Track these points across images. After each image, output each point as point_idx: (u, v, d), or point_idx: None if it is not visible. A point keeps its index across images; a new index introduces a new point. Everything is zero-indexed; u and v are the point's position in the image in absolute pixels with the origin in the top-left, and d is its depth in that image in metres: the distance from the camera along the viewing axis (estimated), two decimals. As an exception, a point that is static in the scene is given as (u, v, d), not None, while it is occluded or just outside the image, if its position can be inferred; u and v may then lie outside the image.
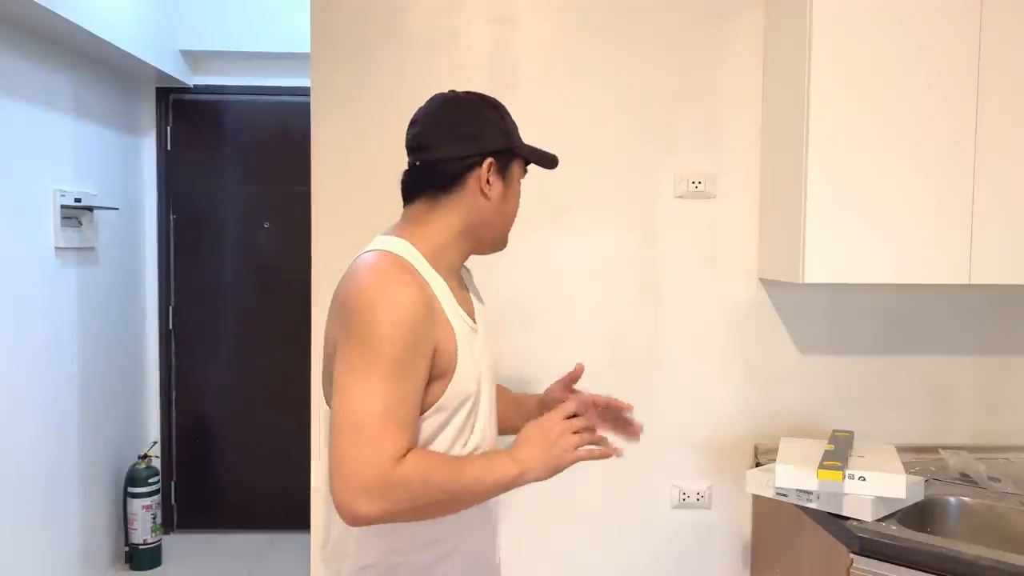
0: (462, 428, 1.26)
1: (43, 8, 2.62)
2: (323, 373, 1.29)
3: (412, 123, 1.34)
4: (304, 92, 2.18)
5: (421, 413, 1.20)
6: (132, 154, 3.83)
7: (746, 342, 2.16)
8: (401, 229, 1.30)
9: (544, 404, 1.54)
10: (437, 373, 1.21)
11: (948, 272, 1.88)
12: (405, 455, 1.13)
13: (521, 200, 1.39)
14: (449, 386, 1.22)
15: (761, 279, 2.16)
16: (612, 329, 2.14)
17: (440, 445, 1.24)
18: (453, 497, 1.18)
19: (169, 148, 3.99)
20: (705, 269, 2.15)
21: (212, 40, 3.83)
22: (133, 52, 3.32)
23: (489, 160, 1.28)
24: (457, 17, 2.09)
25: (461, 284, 1.37)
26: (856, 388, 2.18)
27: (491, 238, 1.35)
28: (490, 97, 1.36)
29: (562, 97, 2.12)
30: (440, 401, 1.22)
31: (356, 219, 2.08)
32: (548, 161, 1.40)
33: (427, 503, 1.16)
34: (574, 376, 1.55)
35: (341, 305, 1.20)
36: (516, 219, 1.40)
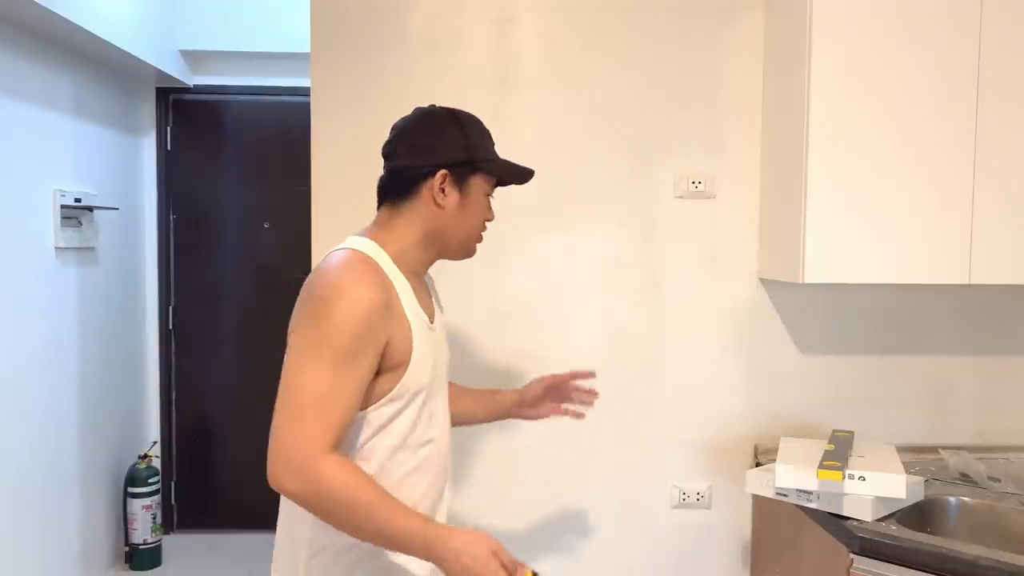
0: (417, 417, 1.34)
1: (43, 8, 2.62)
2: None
3: (390, 131, 1.43)
4: (304, 92, 2.18)
5: (375, 401, 1.28)
6: (132, 154, 3.83)
7: (746, 342, 2.16)
8: (370, 231, 1.39)
9: (523, 400, 1.67)
10: (391, 365, 1.28)
11: (948, 272, 1.88)
12: (335, 447, 1.20)
13: (493, 210, 1.45)
14: (403, 377, 1.29)
15: (761, 279, 2.16)
16: (612, 329, 2.14)
17: (397, 432, 1.31)
18: (360, 526, 1.20)
19: (169, 148, 3.99)
20: (705, 269, 2.15)
21: (212, 40, 3.83)
22: (133, 52, 3.32)
23: (442, 172, 1.35)
24: (458, 17, 2.09)
25: (423, 287, 1.44)
26: (856, 388, 2.18)
27: (454, 245, 1.41)
28: (461, 113, 1.42)
29: (562, 97, 2.12)
30: (393, 391, 1.29)
31: (356, 219, 2.07)
32: (515, 176, 1.45)
33: (332, 512, 1.20)
34: (559, 380, 1.66)
35: (306, 293, 1.27)
36: (489, 226, 1.46)
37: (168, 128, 3.99)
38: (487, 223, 1.45)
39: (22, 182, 2.87)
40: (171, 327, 4.02)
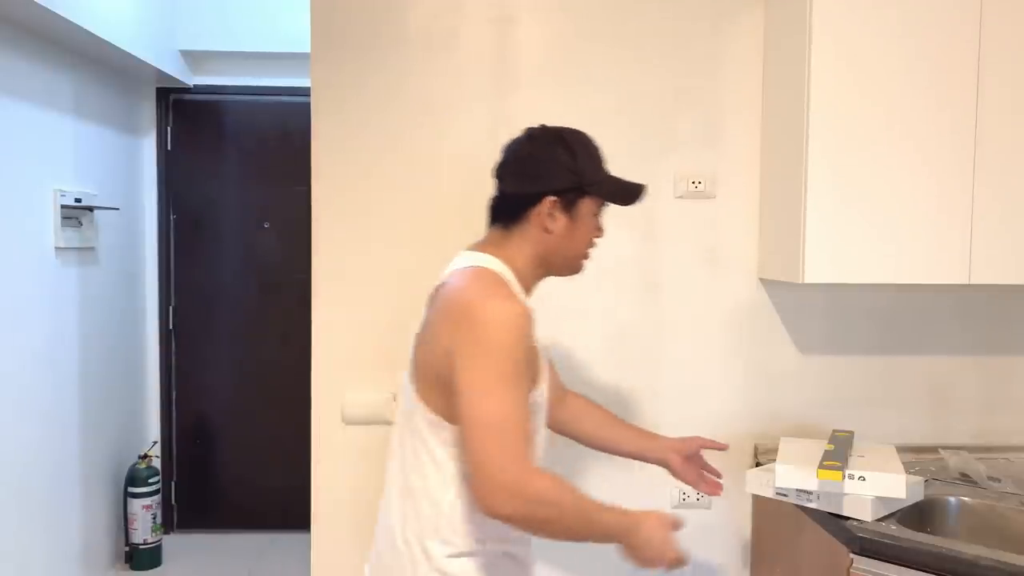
0: (537, 430, 1.37)
1: (43, 8, 2.62)
2: (417, 371, 1.37)
3: (501, 153, 1.45)
4: (304, 92, 2.18)
5: None
6: (132, 154, 3.83)
7: (746, 342, 2.16)
8: (487, 248, 1.41)
9: (681, 448, 1.73)
10: (530, 379, 1.33)
11: (948, 272, 1.88)
12: (542, 472, 1.25)
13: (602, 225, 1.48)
14: (534, 395, 1.34)
15: (761, 279, 2.16)
16: (612, 329, 2.14)
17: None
18: (572, 527, 1.29)
19: (169, 148, 4.00)
20: (705, 269, 2.15)
21: (212, 40, 3.83)
22: (133, 52, 3.32)
23: (551, 200, 1.37)
24: (457, 17, 2.09)
25: None
26: (856, 388, 2.18)
27: (560, 265, 1.45)
28: (569, 133, 1.43)
29: (562, 97, 2.12)
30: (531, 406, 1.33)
31: (356, 219, 2.08)
32: (624, 197, 1.45)
33: (552, 526, 1.26)
34: (705, 446, 1.72)
35: (457, 316, 1.28)
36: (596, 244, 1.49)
37: (168, 128, 3.99)
38: (596, 240, 1.47)
39: (22, 182, 2.88)
40: (171, 327, 4.02)
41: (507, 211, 1.41)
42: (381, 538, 1.46)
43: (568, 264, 1.45)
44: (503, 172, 1.42)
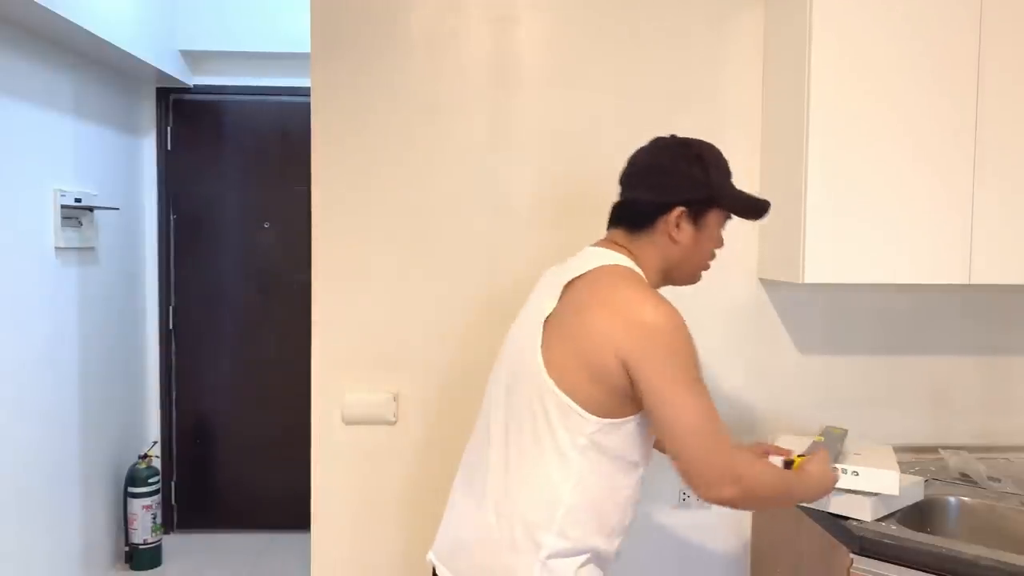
0: (650, 433, 1.43)
1: (43, 8, 2.62)
2: (553, 356, 1.35)
3: (628, 160, 1.50)
4: (304, 92, 2.19)
5: (640, 412, 1.36)
6: (132, 154, 3.83)
7: (746, 342, 2.16)
8: (617, 248, 1.44)
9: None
10: None
11: (948, 272, 1.88)
12: (737, 452, 1.35)
13: (720, 238, 1.49)
14: None
15: (761, 279, 2.16)
16: (612, 329, 2.14)
17: (638, 443, 1.41)
18: (784, 493, 1.46)
19: (169, 148, 3.99)
20: (705, 269, 2.15)
21: (212, 40, 3.83)
22: (133, 52, 3.32)
23: (680, 210, 1.40)
24: (457, 17, 2.09)
25: None
26: (856, 388, 2.18)
27: (679, 276, 1.48)
28: (698, 145, 1.45)
29: (562, 97, 2.12)
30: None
31: (356, 219, 2.08)
32: (751, 212, 1.47)
33: (769, 494, 1.41)
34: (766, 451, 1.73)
35: (630, 317, 1.31)
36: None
37: (168, 128, 3.99)
38: (717, 251, 1.49)
39: (22, 182, 2.88)
40: (171, 327, 4.02)
41: (634, 217, 1.44)
42: (466, 523, 1.44)
43: (688, 275, 1.48)
44: (633, 179, 1.46)
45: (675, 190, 1.41)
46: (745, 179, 2.15)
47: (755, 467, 1.37)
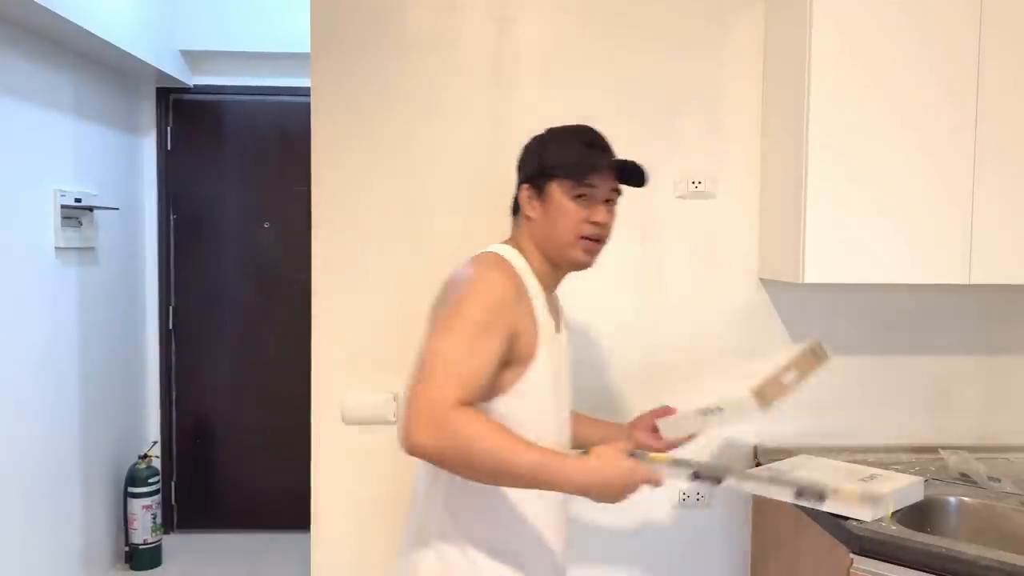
0: (540, 413, 1.40)
1: (43, 8, 2.62)
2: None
3: None
4: (304, 92, 2.18)
5: (501, 393, 1.34)
6: (132, 154, 3.83)
7: (746, 342, 2.16)
8: (506, 240, 1.51)
9: (637, 423, 1.70)
10: (518, 358, 1.35)
11: (948, 272, 1.88)
12: (467, 407, 1.22)
13: (599, 211, 1.45)
14: (527, 373, 1.36)
15: (761, 279, 2.16)
16: (612, 329, 2.14)
17: (522, 426, 1.32)
18: (498, 466, 1.21)
19: (169, 148, 3.99)
20: (705, 269, 2.15)
21: (212, 40, 3.83)
22: (133, 52, 3.32)
23: (525, 187, 1.47)
24: (457, 17, 2.09)
25: (553, 301, 1.52)
26: (856, 388, 2.18)
27: (553, 251, 1.46)
28: (559, 128, 1.52)
29: (562, 97, 2.12)
30: (518, 384, 1.36)
31: (356, 219, 2.08)
32: (576, 173, 1.44)
33: (471, 460, 1.20)
34: (658, 415, 1.69)
35: (446, 286, 1.37)
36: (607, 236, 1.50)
37: (168, 128, 3.99)
38: (594, 223, 1.44)
39: (22, 182, 2.88)
40: (171, 327, 4.02)
41: (512, 206, 1.53)
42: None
43: (557, 249, 1.45)
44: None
45: (521, 171, 1.50)
46: (745, 179, 2.15)
47: (471, 426, 1.19)
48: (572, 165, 1.43)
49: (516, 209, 1.51)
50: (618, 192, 1.49)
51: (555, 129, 1.52)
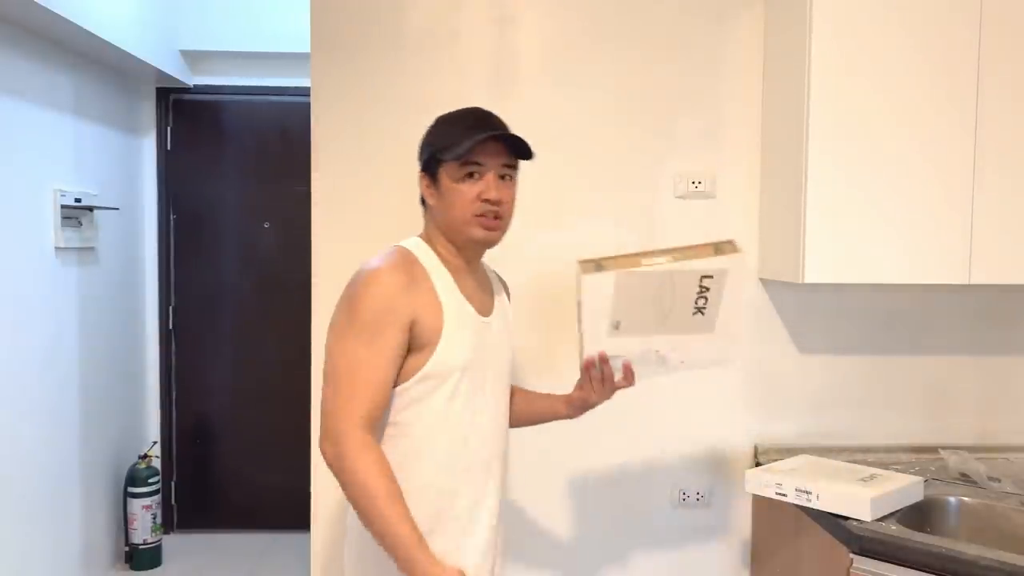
0: (452, 397, 1.40)
1: (43, 8, 2.62)
2: None
3: None
4: (304, 92, 2.18)
5: (409, 378, 1.37)
6: (132, 154, 3.83)
7: (746, 342, 2.16)
8: (421, 232, 1.54)
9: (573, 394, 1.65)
10: (421, 343, 1.38)
11: (948, 272, 1.88)
12: (370, 419, 1.31)
13: (488, 186, 1.43)
14: (433, 356, 1.38)
15: (761, 279, 2.16)
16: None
17: (432, 411, 1.39)
18: (366, 511, 1.30)
19: (169, 148, 3.99)
20: (705, 269, 2.15)
21: (212, 40, 3.83)
22: (133, 52, 3.32)
23: (420, 175, 1.51)
24: (457, 17, 2.09)
25: (479, 283, 1.53)
26: (856, 388, 2.18)
27: (454, 233, 1.47)
28: (445, 115, 1.52)
29: (562, 97, 2.12)
30: (426, 369, 1.38)
31: (356, 219, 2.08)
32: (454, 152, 1.42)
33: (350, 490, 1.30)
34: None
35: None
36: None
37: (168, 128, 3.99)
38: (485, 201, 1.43)
39: (22, 182, 2.87)
40: (171, 327, 4.02)
41: (421, 196, 1.54)
42: None
43: (459, 233, 1.46)
44: None
45: (421, 160, 1.51)
46: (745, 179, 2.15)
47: (360, 462, 1.28)
48: (453, 145, 1.43)
49: (421, 201, 1.54)
50: (513, 167, 1.48)
51: (442, 115, 1.52)
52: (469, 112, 1.51)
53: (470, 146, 1.42)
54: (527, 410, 1.69)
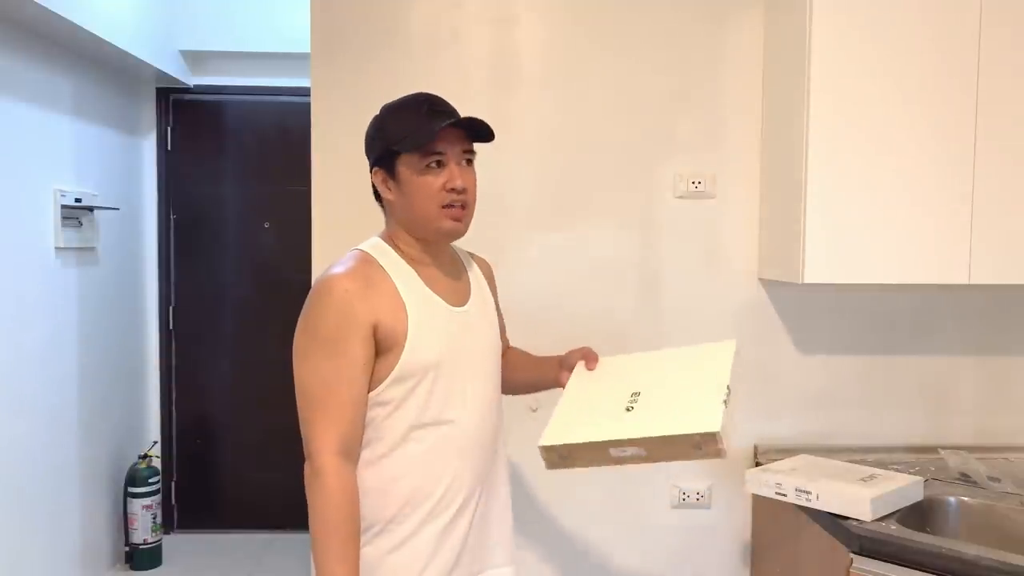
0: (429, 395, 1.37)
1: (43, 8, 2.62)
2: None
3: None
4: (304, 92, 2.18)
5: (381, 382, 1.34)
6: (132, 154, 3.83)
7: (746, 342, 2.16)
8: (382, 231, 1.49)
9: (564, 363, 1.62)
10: (388, 345, 1.34)
11: (948, 272, 1.88)
12: (343, 439, 1.30)
13: (452, 174, 1.38)
14: (403, 356, 1.34)
15: (761, 279, 2.16)
16: (612, 329, 2.14)
17: (410, 410, 1.36)
18: (316, 541, 1.29)
19: (169, 148, 3.99)
20: (705, 269, 2.15)
21: (212, 40, 3.83)
22: (133, 52, 3.32)
23: (375, 171, 1.44)
24: (457, 17, 2.09)
25: (449, 273, 1.48)
26: (856, 388, 2.18)
27: (418, 227, 1.42)
28: (390, 104, 1.46)
29: (562, 97, 2.12)
30: (396, 371, 1.34)
31: (356, 219, 2.08)
32: (417, 142, 1.38)
33: (311, 514, 1.30)
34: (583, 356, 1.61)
35: None
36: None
37: (168, 128, 3.99)
38: (452, 191, 1.38)
39: (22, 182, 2.87)
40: (171, 327, 4.02)
41: (374, 192, 1.48)
42: None
43: (426, 227, 1.40)
44: None
45: (368, 156, 1.46)
46: (745, 179, 2.15)
47: (324, 493, 1.28)
48: (412, 136, 1.37)
49: (375, 198, 1.47)
50: (472, 152, 1.43)
51: (390, 104, 1.45)
52: (418, 99, 1.43)
53: (432, 134, 1.36)
54: (521, 379, 1.67)
